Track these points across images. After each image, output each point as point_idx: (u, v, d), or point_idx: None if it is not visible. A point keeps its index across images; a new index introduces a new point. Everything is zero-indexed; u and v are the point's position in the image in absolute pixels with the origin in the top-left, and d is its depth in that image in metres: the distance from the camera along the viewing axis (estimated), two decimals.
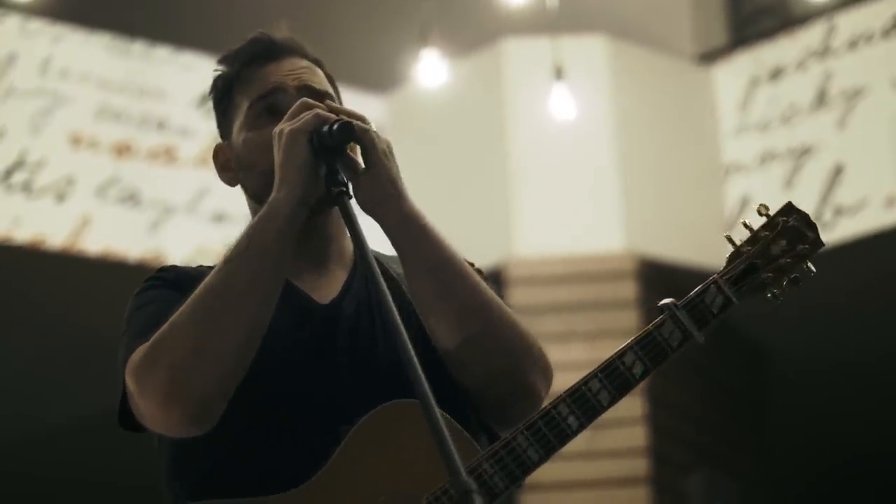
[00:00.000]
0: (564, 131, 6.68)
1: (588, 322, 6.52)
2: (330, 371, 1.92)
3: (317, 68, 2.11)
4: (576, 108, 6.27)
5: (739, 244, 1.95)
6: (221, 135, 2.14)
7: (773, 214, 1.96)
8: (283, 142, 1.88)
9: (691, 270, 6.57)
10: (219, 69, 2.14)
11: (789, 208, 1.96)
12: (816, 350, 7.76)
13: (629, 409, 6.30)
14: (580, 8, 7.06)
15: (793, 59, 7.06)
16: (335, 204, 1.84)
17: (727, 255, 1.95)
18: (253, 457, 1.87)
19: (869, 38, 6.86)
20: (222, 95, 2.12)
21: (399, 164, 1.94)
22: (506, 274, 6.62)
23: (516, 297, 6.50)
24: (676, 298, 1.90)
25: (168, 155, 6.95)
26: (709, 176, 7.10)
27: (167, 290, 1.98)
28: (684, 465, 6.77)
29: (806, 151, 6.87)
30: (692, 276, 5.87)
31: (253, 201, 2.06)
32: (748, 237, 1.95)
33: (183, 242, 6.82)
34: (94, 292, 6.35)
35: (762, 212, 1.95)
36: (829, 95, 6.89)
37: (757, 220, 1.96)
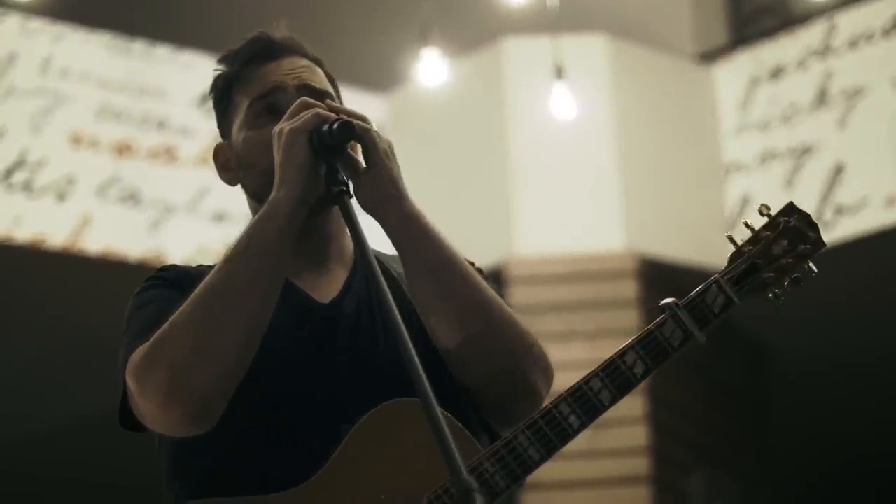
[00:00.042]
0: (565, 131, 6.68)
1: (588, 321, 6.52)
2: (330, 370, 1.92)
3: (316, 67, 2.11)
4: (576, 107, 6.27)
5: (741, 244, 1.95)
6: (222, 134, 2.14)
7: (774, 214, 1.96)
8: (282, 141, 1.88)
9: (691, 270, 6.57)
10: (219, 69, 2.14)
11: (791, 208, 1.96)
12: (817, 350, 7.76)
13: (630, 409, 6.30)
14: (580, 7, 7.05)
15: (793, 59, 7.06)
16: (335, 203, 1.84)
17: (728, 255, 1.95)
18: (253, 456, 1.87)
19: (869, 38, 6.85)
20: (222, 95, 2.12)
21: (399, 164, 1.94)
22: (506, 273, 6.62)
23: (517, 296, 6.50)
24: (677, 298, 1.90)
25: (168, 154, 6.94)
26: (709, 175, 7.09)
27: (167, 289, 1.98)
28: (685, 465, 6.77)
29: (806, 151, 6.86)
30: (692, 276, 5.87)
31: (253, 200, 2.06)
32: (749, 237, 1.95)
33: (183, 242, 6.82)
34: (95, 292, 6.35)
35: (763, 212, 1.96)
36: (829, 95, 6.88)
37: (758, 220, 1.96)
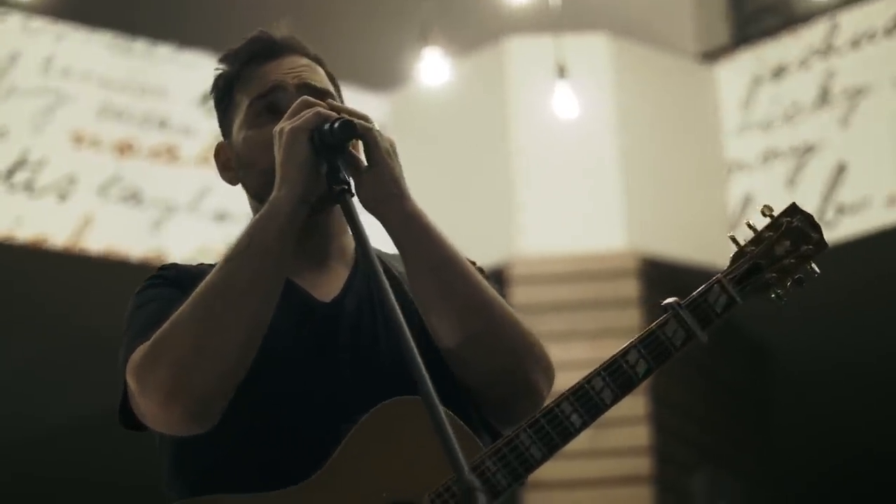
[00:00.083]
0: (567, 130, 6.67)
1: (590, 321, 6.51)
2: (331, 369, 1.92)
3: (317, 66, 2.11)
4: (578, 106, 6.26)
5: (743, 244, 1.95)
6: (223, 133, 2.14)
7: (777, 215, 1.96)
8: (283, 140, 1.88)
9: (693, 269, 6.57)
10: (219, 68, 2.14)
11: (793, 209, 1.96)
12: (819, 349, 7.76)
13: (632, 408, 6.29)
14: (583, 6, 7.05)
15: (795, 58, 7.05)
16: (336, 202, 1.84)
17: (730, 255, 1.95)
18: (254, 455, 1.87)
19: (871, 37, 6.85)
20: (223, 94, 2.12)
21: (401, 164, 1.94)
22: (508, 273, 6.61)
23: (518, 295, 6.49)
24: (679, 297, 1.90)
25: (170, 154, 6.94)
26: (711, 174, 7.09)
27: (168, 288, 1.98)
28: (687, 464, 6.76)
29: (808, 150, 6.85)
30: (694, 275, 5.87)
31: (254, 200, 2.06)
32: (752, 237, 1.95)
33: (185, 241, 6.81)
34: (96, 292, 6.34)
35: (766, 212, 1.96)
36: (831, 94, 6.88)
37: (761, 221, 1.96)
